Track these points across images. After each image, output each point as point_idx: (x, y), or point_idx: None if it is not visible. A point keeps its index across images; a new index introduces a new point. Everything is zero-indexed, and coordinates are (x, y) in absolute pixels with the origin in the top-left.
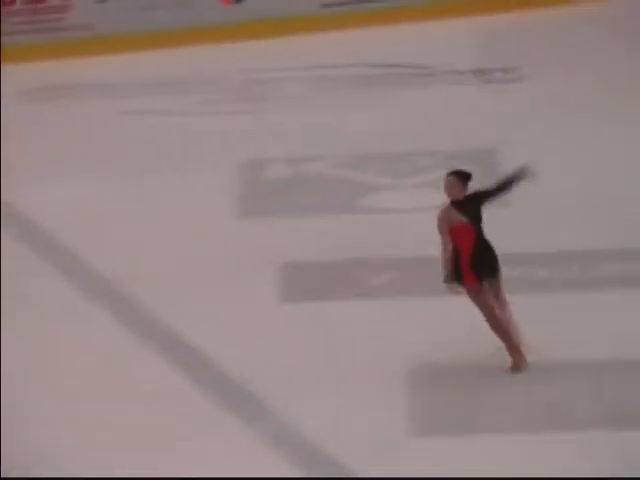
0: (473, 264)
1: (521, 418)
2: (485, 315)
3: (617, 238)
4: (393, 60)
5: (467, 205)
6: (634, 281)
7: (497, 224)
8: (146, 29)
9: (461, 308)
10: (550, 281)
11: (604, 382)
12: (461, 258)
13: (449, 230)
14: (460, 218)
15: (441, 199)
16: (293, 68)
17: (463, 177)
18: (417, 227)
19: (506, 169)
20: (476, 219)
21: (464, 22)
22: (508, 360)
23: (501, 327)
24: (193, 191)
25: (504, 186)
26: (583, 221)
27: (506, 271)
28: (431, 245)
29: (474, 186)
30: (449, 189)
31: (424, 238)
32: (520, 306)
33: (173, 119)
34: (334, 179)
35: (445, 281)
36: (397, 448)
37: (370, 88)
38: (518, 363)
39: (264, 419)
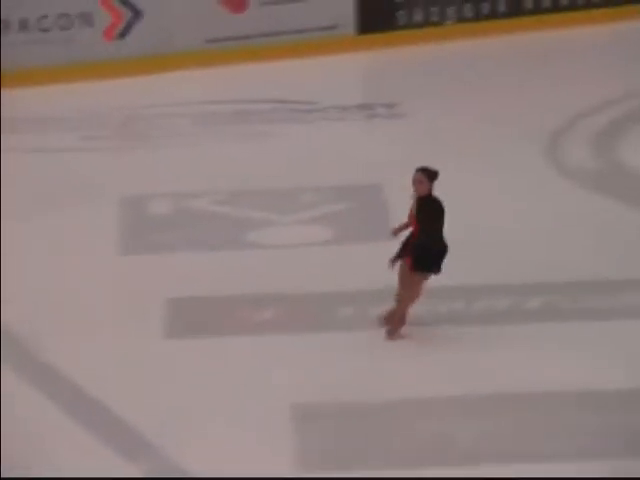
0: (413, 255)
1: (407, 453)
2: (403, 291)
3: (500, 273)
4: (278, 96)
5: (426, 203)
6: (519, 315)
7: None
8: (29, 65)
9: (345, 345)
10: (431, 314)
11: (490, 416)
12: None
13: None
14: (413, 210)
15: (325, 235)
16: (177, 104)
17: (429, 175)
18: (302, 263)
19: (391, 204)
20: (423, 218)
21: (348, 57)
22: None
23: (406, 307)
24: (76, 228)
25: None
26: (464, 257)
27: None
28: (316, 281)
29: None
30: (415, 184)
31: (309, 274)
32: (407, 340)
33: (56, 156)
34: (218, 215)
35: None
36: None
37: (254, 124)
38: (395, 332)
39: (148, 456)
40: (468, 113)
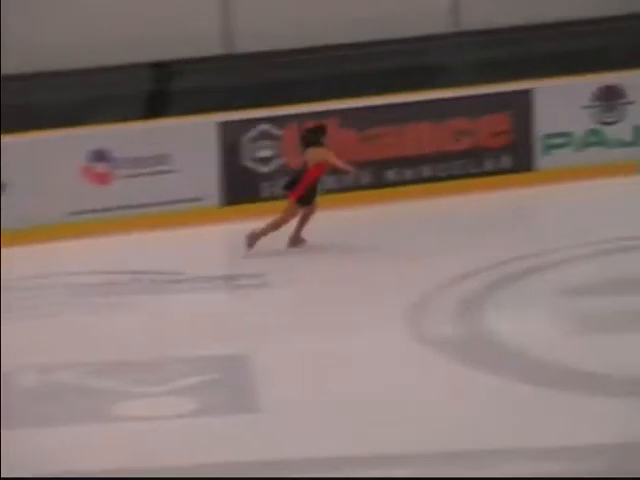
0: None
1: None
2: (308, 214)
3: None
4: (144, 266)
5: None
6: None
7: (243, 430)
8: None
9: None
10: None
11: None
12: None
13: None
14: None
15: (190, 406)
16: (41, 276)
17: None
18: (167, 436)
19: (257, 375)
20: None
21: (213, 228)
22: None
23: (275, 226)
24: None
25: None
26: (326, 425)
27: None
28: (178, 455)
29: None
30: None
31: (174, 447)
32: None
33: None
34: (85, 387)
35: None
36: None
37: (122, 295)
38: (255, 241)
39: None
40: (335, 283)
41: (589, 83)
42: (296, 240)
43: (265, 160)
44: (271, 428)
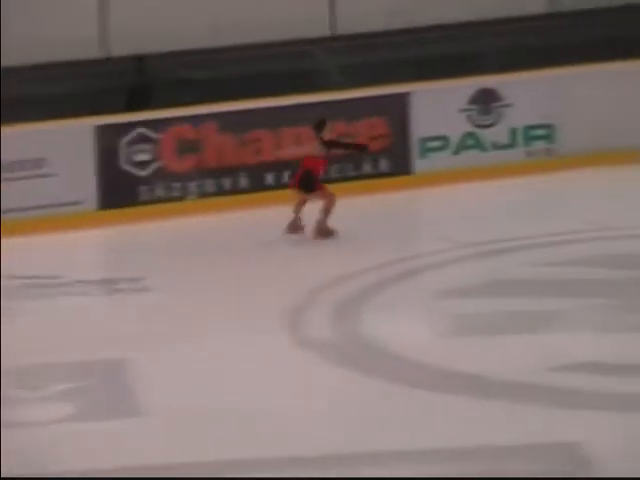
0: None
1: None
2: (327, 203)
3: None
4: (20, 271)
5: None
6: None
7: (129, 434)
8: None
9: None
10: None
11: None
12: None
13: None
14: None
15: (67, 411)
16: None
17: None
18: (43, 441)
19: (135, 379)
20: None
21: (91, 232)
22: None
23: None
24: None
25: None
26: (208, 429)
27: None
28: (66, 461)
29: None
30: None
31: (61, 451)
32: None
33: None
34: None
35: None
36: None
37: (11, 300)
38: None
39: None
40: (214, 287)
41: (465, 86)
42: (295, 226)
43: (143, 164)
44: (149, 432)
